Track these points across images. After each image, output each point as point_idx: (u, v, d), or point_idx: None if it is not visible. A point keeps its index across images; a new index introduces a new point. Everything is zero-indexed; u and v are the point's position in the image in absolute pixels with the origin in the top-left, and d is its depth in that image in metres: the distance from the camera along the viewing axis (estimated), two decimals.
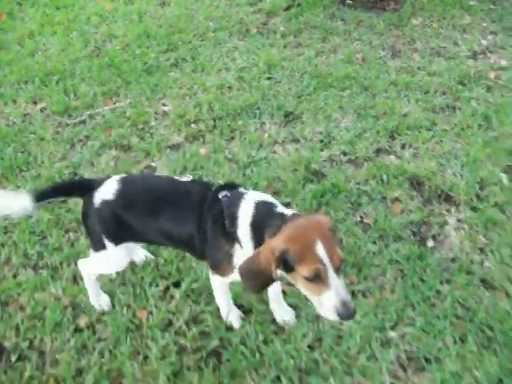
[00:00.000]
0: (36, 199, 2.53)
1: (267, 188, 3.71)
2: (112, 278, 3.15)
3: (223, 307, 2.86)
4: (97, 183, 2.63)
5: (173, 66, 5.34)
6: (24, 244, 3.40)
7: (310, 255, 2.05)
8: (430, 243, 3.39)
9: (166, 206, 2.53)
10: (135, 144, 4.26)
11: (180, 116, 4.55)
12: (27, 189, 2.52)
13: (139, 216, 2.57)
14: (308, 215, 2.54)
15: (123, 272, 3.08)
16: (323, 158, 4.05)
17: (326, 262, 2.04)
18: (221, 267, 2.51)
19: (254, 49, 5.57)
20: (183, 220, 2.52)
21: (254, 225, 2.33)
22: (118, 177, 2.66)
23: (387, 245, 3.35)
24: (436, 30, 5.91)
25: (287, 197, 3.67)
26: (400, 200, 3.68)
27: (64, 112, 4.66)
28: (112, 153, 4.19)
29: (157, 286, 3.11)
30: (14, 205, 2.51)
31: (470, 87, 4.90)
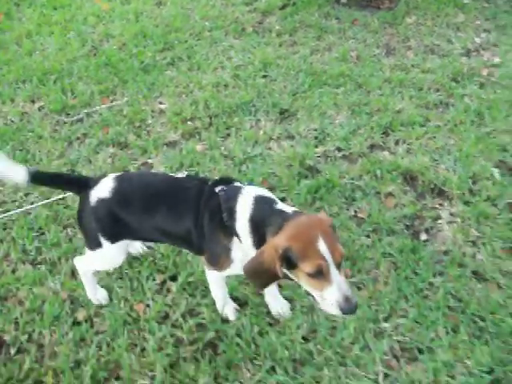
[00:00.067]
0: (32, 178, 2.55)
1: (262, 183, 3.75)
2: (109, 273, 3.18)
3: (219, 300, 2.88)
4: (93, 181, 2.64)
5: (169, 65, 5.38)
6: (23, 240, 3.42)
7: (313, 252, 2.08)
8: (423, 237, 3.43)
9: (163, 203, 2.53)
10: (132, 141, 4.29)
11: (176, 114, 4.59)
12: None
13: (136, 214, 2.58)
14: (308, 212, 2.58)
15: (120, 266, 3.11)
16: (318, 154, 4.09)
17: (328, 259, 2.08)
18: (218, 261, 2.52)
19: (250, 47, 5.61)
20: (180, 215, 2.52)
21: (253, 219, 2.34)
22: (114, 175, 2.67)
23: (381, 238, 3.38)
24: (430, 28, 5.96)
25: (282, 192, 3.71)
26: (393, 195, 3.72)
27: (62, 110, 4.69)
28: (109, 150, 4.21)
29: (154, 280, 3.14)
30: (10, 172, 2.53)
31: (463, 84, 4.95)
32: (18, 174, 2.52)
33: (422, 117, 4.48)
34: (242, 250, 2.41)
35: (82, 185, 2.65)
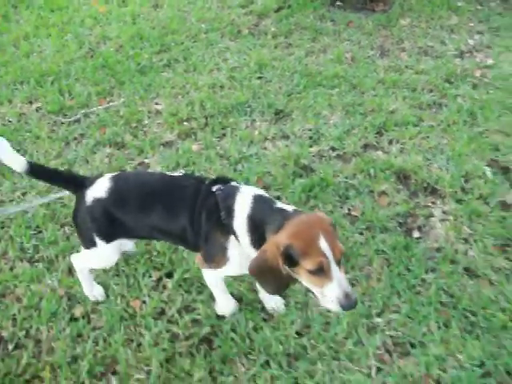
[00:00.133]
0: (30, 169, 2.57)
1: (258, 182, 3.79)
2: (106, 270, 3.21)
3: (219, 300, 2.90)
4: (89, 181, 2.65)
5: (165, 67, 5.42)
6: (20, 238, 3.46)
7: (314, 249, 2.11)
8: (416, 234, 3.47)
9: (159, 201, 2.55)
10: (129, 141, 4.32)
11: (172, 114, 4.63)
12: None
13: (132, 213, 2.59)
14: (307, 211, 2.62)
15: (117, 264, 3.14)
16: (312, 154, 4.14)
17: (329, 256, 2.11)
18: (214, 259, 2.54)
19: (246, 49, 5.66)
20: (176, 214, 2.54)
21: (252, 218, 2.36)
22: (110, 175, 2.68)
23: (374, 236, 3.42)
24: (424, 30, 6.02)
25: (277, 190, 3.75)
26: (387, 193, 3.77)
27: (59, 111, 4.73)
28: (106, 150, 4.25)
29: (150, 277, 3.18)
30: (10, 160, 2.54)
31: (457, 85, 5.00)
32: (18, 163, 2.55)
33: (416, 117, 4.52)
34: (239, 249, 2.43)
35: (79, 184, 2.66)
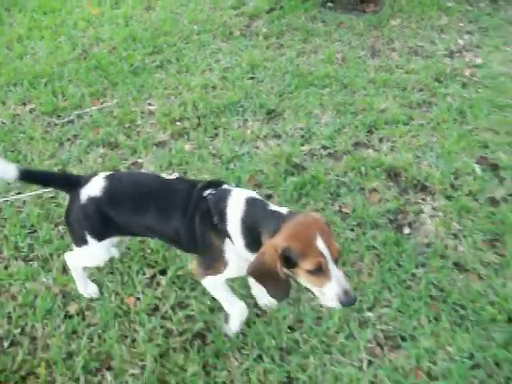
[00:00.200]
0: (21, 175, 2.59)
1: (250, 180, 3.84)
2: (100, 268, 3.23)
3: (227, 305, 2.80)
4: (84, 180, 2.66)
5: (158, 68, 5.46)
6: (15, 237, 3.47)
7: (312, 250, 2.14)
8: (406, 230, 3.52)
9: (153, 203, 2.56)
10: (122, 142, 4.35)
11: (165, 115, 4.66)
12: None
13: (126, 213, 2.61)
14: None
15: (111, 261, 3.18)
16: (304, 152, 4.18)
17: (327, 255, 2.14)
18: (213, 265, 2.53)
19: (237, 50, 5.71)
20: (169, 217, 2.54)
21: (246, 221, 2.37)
22: (105, 174, 2.69)
23: (365, 232, 3.47)
24: (414, 31, 6.09)
25: (269, 188, 3.79)
26: (377, 190, 3.82)
27: (53, 112, 4.75)
28: (100, 150, 4.27)
29: (144, 274, 3.21)
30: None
31: (446, 84, 5.07)
32: (8, 171, 2.56)
33: (406, 115, 4.59)
34: (235, 251, 2.44)
35: (72, 183, 2.67)
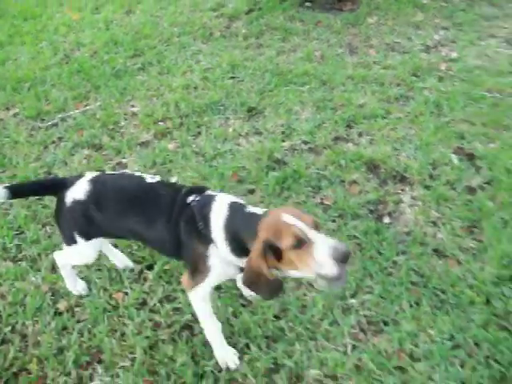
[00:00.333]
0: (11, 195, 2.64)
1: (233, 176, 3.91)
2: (88, 265, 3.28)
3: (215, 341, 2.76)
4: (70, 182, 2.69)
5: (140, 70, 5.53)
6: (3, 238, 3.51)
7: (285, 227, 2.18)
8: (387, 219, 3.60)
9: (136, 210, 2.58)
10: (106, 143, 4.41)
11: (148, 115, 4.73)
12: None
13: (109, 217, 2.63)
14: (276, 202, 2.69)
15: (99, 259, 3.22)
16: (285, 148, 4.26)
17: (300, 225, 2.18)
18: (198, 269, 2.53)
19: (218, 51, 5.79)
20: (153, 223, 2.56)
21: (228, 226, 2.39)
22: (90, 177, 2.70)
23: (346, 223, 3.55)
24: (391, 27, 6.21)
25: (251, 184, 3.87)
26: (357, 182, 3.90)
27: (36, 116, 4.80)
28: (84, 152, 4.33)
29: (131, 270, 3.26)
30: None
31: (423, 78, 5.18)
32: None
33: (384, 110, 4.69)
34: (220, 257, 2.46)
35: (58, 186, 2.71)
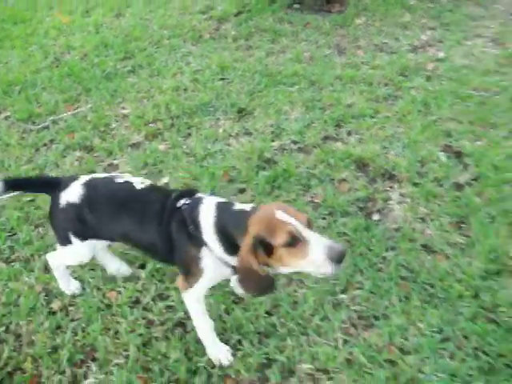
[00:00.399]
0: (6, 187, 2.66)
1: (224, 176, 3.96)
2: (82, 265, 3.28)
3: (207, 338, 2.79)
4: (64, 182, 2.72)
5: (130, 72, 5.57)
6: None
7: (278, 223, 2.18)
8: (376, 216, 3.65)
9: (127, 215, 2.60)
10: (97, 145, 4.43)
11: (139, 117, 4.76)
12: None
13: (102, 222, 2.66)
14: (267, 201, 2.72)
15: (92, 259, 3.25)
16: (275, 148, 4.31)
17: (294, 222, 2.19)
18: (191, 272, 2.55)
19: (207, 53, 5.84)
20: (144, 228, 2.58)
21: (217, 226, 2.40)
22: (83, 180, 2.71)
23: (336, 220, 3.59)
24: (378, 28, 6.28)
25: (242, 183, 3.91)
26: (347, 180, 3.95)
27: (28, 119, 4.83)
28: (76, 154, 4.35)
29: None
30: None
31: (411, 78, 5.25)
32: None
33: (372, 109, 4.74)
34: (212, 259, 2.47)
35: (52, 186, 2.73)
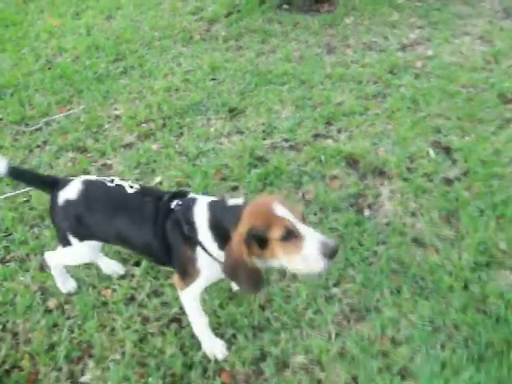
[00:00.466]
0: (9, 171, 2.72)
1: (216, 175, 4.01)
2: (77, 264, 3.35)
3: (202, 334, 2.84)
4: (62, 182, 2.73)
5: (122, 74, 5.59)
6: None
7: (274, 217, 2.19)
8: (367, 212, 3.71)
9: (122, 218, 2.62)
10: (91, 145, 4.47)
11: (131, 118, 4.80)
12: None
13: (98, 224, 2.67)
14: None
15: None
16: (266, 146, 4.35)
17: (290, 217, 2.21)
18: (188, 272, 2.58)
19: (198, 54, 5.87)
20: (139, 231, 2.60)
21: (212, 224, 2.42)
22: (79, 182, 2.71)
23: (327, 216, 3.65)
24: (367, 27, 6.32)
25: (234, 181, 3.96)
26: (338, 177, 4.00)
27: (21, 121, 4.86)
28: (69, 155, 4.39)
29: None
30: None
31: (400, 75, 5.29)
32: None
33: (362, 107, 4.79)
34: (209, 258, 2.49)
35: (52, 184, 2.76)
